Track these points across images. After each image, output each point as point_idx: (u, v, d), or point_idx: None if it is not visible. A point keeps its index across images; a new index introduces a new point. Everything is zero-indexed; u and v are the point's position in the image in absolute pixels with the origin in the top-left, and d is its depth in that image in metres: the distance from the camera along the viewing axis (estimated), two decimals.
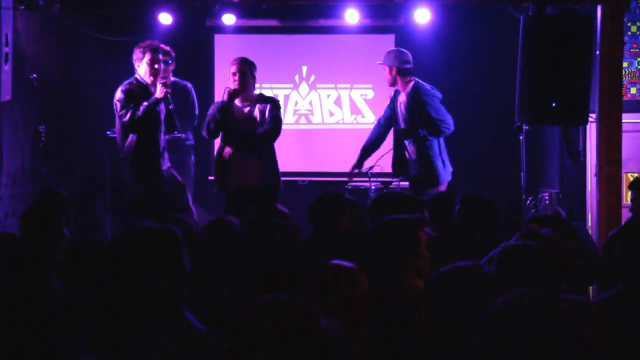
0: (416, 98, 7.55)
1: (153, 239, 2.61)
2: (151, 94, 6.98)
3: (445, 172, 7.61)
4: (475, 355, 2.00)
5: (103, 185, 8.51)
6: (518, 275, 3.23)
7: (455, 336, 2.78)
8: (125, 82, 7.01)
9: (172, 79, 7.97)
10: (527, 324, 1.94)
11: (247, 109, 7.07)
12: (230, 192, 7.02)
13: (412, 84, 7.63)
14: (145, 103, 6.88)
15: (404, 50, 7.79)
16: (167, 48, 7.83)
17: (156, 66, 6.96)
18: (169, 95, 6.97)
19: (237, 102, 7.04)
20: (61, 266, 3.53)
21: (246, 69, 6.99)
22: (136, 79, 7.02)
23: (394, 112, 7.75)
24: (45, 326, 2.47)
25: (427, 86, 7.67)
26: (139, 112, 6.85)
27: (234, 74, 6.97)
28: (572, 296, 3.34)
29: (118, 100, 6.95)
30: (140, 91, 6.97)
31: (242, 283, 3.68)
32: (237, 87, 6.94)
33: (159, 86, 6.92)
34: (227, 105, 6.91)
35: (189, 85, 8.05)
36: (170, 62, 7.85)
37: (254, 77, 7.09)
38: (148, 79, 6.98)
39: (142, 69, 6.99)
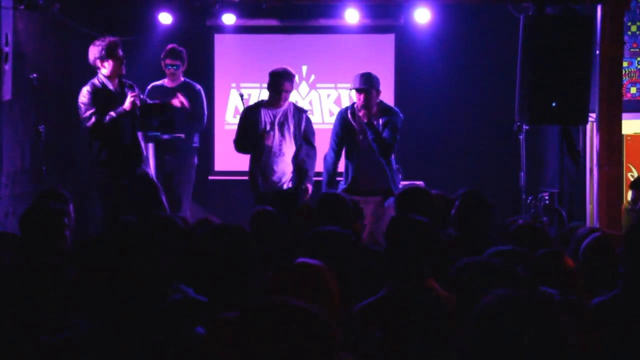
0: (392, 120, 7.08)
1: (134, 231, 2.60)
2: (114, 97, 6.85)
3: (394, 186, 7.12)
4: (462, 355, 2.00)
5: None
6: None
7: None
8: (90, 83, 6.88)
9: (182, 79, 7.99)
10: (507, 324, 1.94)
11: (280, 116, 7.32)
12: (263, 194, 7.21)
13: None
14: (113, 114, 6.77)
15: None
16: (180, 49, 7.87)
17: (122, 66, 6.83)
18: (137, 107, 6.85)
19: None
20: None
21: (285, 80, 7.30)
22: (101, 82, 6.88)
23: (350, 129, 7.31)
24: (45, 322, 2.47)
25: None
26: (105, 121, 6.77)
27: None
28: (566, 297, 3.36)
29: (82, 103, 6.82)
30: (104, 95, 6.84)
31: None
32: None
33: (128, 98, 6.84)
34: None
35: (198, 87, 8.04)
36: (180, 64, 7.89)
37: (291, 87, 7.33)
38: (113, 78, 6.85)
39: (106, 69, 6.84)
